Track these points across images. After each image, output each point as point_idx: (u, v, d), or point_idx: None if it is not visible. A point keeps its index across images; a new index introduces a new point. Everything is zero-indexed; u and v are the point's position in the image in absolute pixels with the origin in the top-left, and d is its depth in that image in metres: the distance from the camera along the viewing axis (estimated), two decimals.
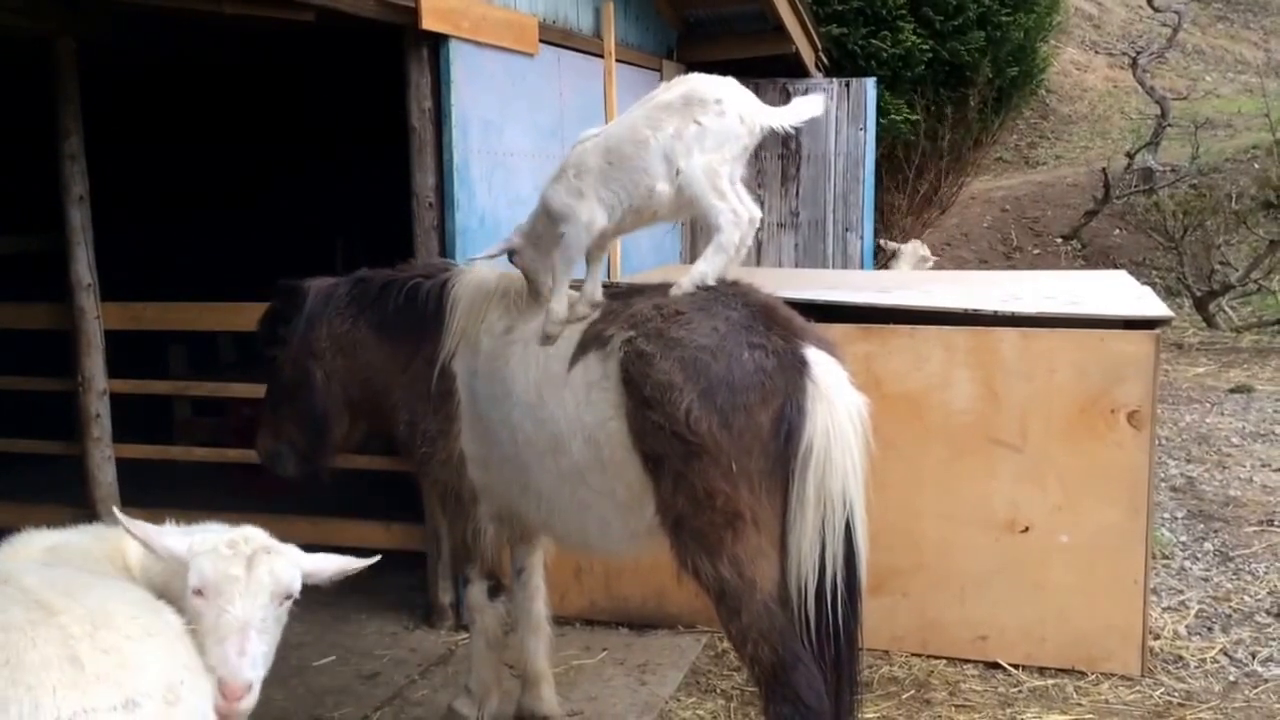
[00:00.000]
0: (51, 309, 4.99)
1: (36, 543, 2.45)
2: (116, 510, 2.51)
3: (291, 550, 2.42)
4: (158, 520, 2.55)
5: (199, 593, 2.27)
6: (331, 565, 2.47)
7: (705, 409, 2.80)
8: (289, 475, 3.73)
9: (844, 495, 2.82)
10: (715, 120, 3.02)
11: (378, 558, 2.57)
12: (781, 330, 2.91)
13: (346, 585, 4.79)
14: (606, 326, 3.07)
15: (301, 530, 4.19)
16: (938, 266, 11.05)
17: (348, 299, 3.58)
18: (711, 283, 3.07)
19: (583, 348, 3.09)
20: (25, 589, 2.05)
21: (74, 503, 4.96)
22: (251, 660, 2.22)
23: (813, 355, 2.86)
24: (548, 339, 3.18)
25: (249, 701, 2.22)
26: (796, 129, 3.17)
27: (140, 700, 1.90)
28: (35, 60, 4.75)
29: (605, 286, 3.33)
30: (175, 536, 2.38)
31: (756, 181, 7.58)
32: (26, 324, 5.25)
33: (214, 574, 2.27)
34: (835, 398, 2.82)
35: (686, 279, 3.09)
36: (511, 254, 3.31)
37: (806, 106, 3.10)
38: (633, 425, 2.93)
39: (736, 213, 3.03)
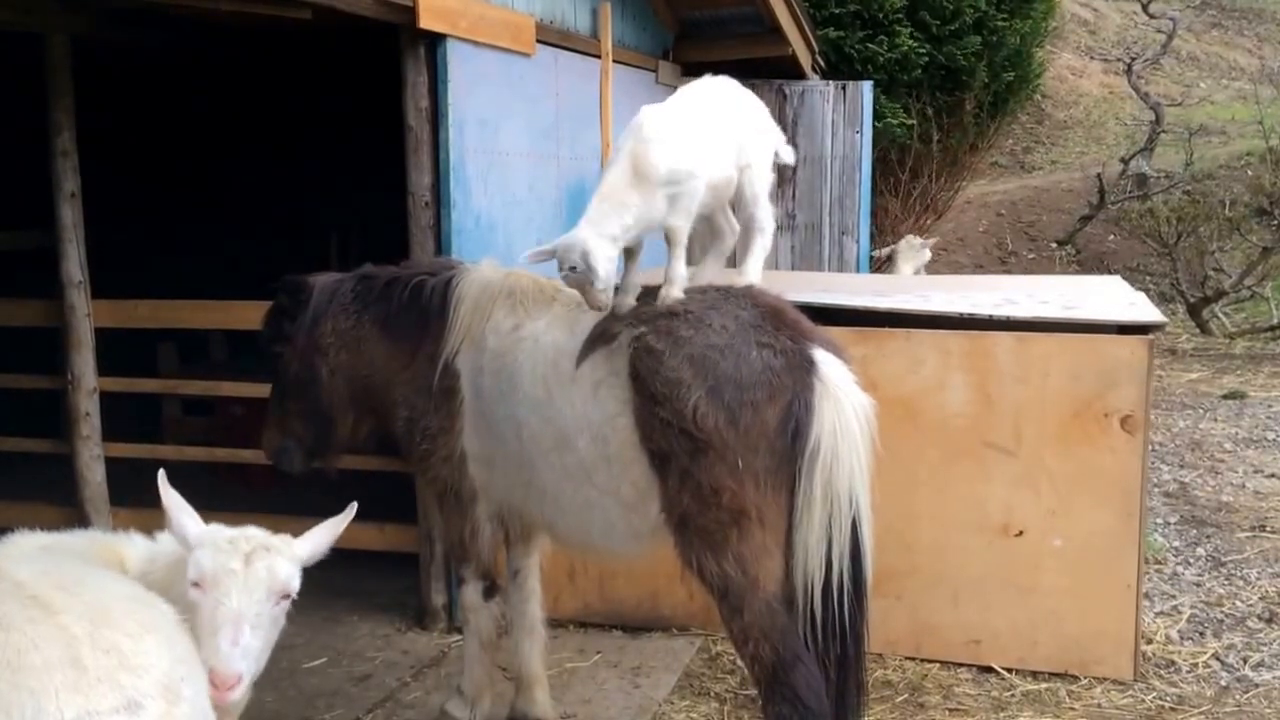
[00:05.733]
0: (42, 306, 4.96)
1: (30, 543, 2.43)
2: (161, 474, 2.51)
3: (287, 542, 2.43)
4: (148, 520, 2.54)
5: (196, 584, 2.30)
6: (326, 536, 2.51)
7: (713, 405, 2.81)
8: (295, 471, 3.74)
9: (850, 494, 2.83)
10: (769, 130, 3.24)
11: (354, 506, 2.60)
12: (790, 331, 2.93)
13: (338, 587, 4.80)
14: (615, 323, 3.07)
15: (292, 530, 4.13)
16: (933, 271, 11.09)
17: (352, 295, 3.58)
18: (758, 282, 3.21)
19: (591, 344, 3.10)
20: (19, 584, 2.03)
21: (62, 502, 4.93)
22: (243, 652, 2.25)
23: (820, 355, 2.89)
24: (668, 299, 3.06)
25: (238, 693, 2.24)
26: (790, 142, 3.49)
27: (143, 701, 1.90)
28: (29, 56, 4.72)
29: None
30: (193, 520, 2.42)
31: None
32: (17, 321, 5.21)
33: (212, 566, 2.30)
34: (843, 397, 2.84)
35: (744, 280, 3.21)
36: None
37: (789, 153, 3.45)
38: (640, 421, 2.95)
39: (773, 218, 3.25)
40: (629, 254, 3.28)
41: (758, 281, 3.18)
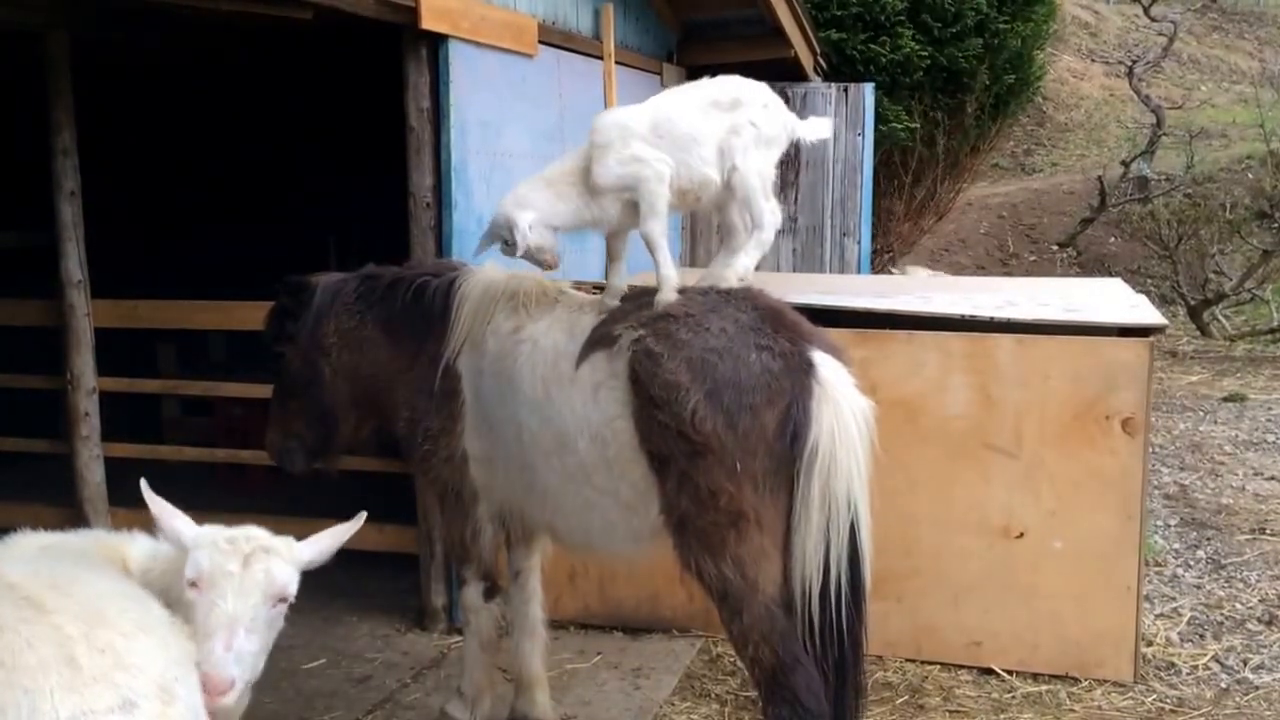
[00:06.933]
0: (42, 305, 4.95)
1: (32, 543, 2.43)
2: (143, 483, 2.48)
3: (289, 544, 2.41)
4: (148, 520, 2.53)
5: (194, 584, 2.28)
6: (330, 542, 2.48)
7: (711, 409, 2.81)
8: (297, 471, 3.74)
9: (848, 497, 2.83)
10: (767, 125, 3.16)
11: (363, 515, 2.57)
12: (789, 333, 2.93)
13: (338, 587, 4.80)
14: (615, 326, 3.07)
15: (291, 531, 4.11)
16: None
17: (355, 295, 3.58)
18: (749, 276, 3.16)
19: (591, 347, 3.10)
20: (11, 585, 2.02)
21: (60, 502, 4.92)
22: (237, 656, 2.22)
23: (819, 358, 2.88)
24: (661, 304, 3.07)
25: (231, 698, 2.21)
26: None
27: (138, 700, 1.89)
28: (28, 55, 4.72)
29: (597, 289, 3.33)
30: (185, 523, 2.39)
31: None
32: (17, 320, 5.21)
33: (209, 567, 2.28)
34: (841, 400, 2.84)
35: (730, 271, 3.16)
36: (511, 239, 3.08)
37: (823, 126, 3.33)
38: (639, 424, 2.95)
39: (775, 214, 3.17)
40: (612, 257, 3.29)
41: (745, 276, 3.14)
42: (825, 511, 2.81)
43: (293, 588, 2.36)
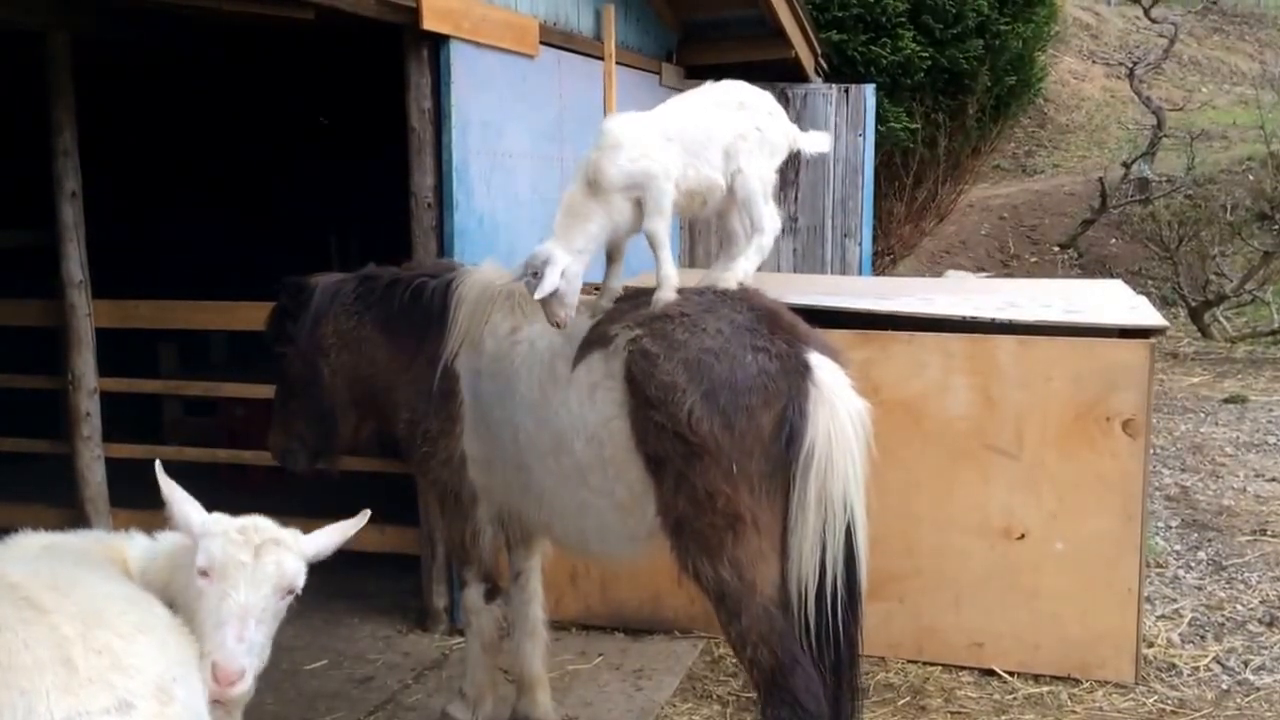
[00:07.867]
0: (43, 306, 4.95)
1: (33, 543, 2.43)
2: (158, 465, 2.49)
3: (295, 536, 2.41)
4: (149, 521, 2.53)
5: (204, 574, 2.28)
6: (334, 537, 2.48)
7: (707, 410, 2.81)
8: (300, 471, 3.75)
9: (845, 499, 2.83)
10: (771, 129, 3.20)
11: (367, 513, 2.57)
12: (785, 334, 2.92)
13: (339, 589, 4.80)
14: (611, 327, 3.07)
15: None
16: (935, 275, 11.05)
17: (354, 296, 3.59)
18: (748, 280, 3.16)
19: (587, 347, 3.10)
20: (13, 585, 2.03)
21: (61, 502, 4.92)
22: (248, 647, 2.23)
23: (815, 359, 2.88)
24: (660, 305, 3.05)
25: (241, 688, 2.22)
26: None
27: (134, 701, 1.90)
28: (28, 55, 4.72)
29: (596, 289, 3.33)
30: (195, 508, 2.39)
31: None
32: (17, 320, 5.21)
33: (222, 556, 2.28)
34: (837, 401, 2.84)
35: (730, 275, 3.16)
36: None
37: (822, 140, 3.38)
38: (635, 425, 2.94)
39: (775, 219, 3.19)
40: (610, 259, 3.28)
41: (745, 280, 3.15)
42: (821, 513, 2.81)
43: (301, 580, 2.37)
